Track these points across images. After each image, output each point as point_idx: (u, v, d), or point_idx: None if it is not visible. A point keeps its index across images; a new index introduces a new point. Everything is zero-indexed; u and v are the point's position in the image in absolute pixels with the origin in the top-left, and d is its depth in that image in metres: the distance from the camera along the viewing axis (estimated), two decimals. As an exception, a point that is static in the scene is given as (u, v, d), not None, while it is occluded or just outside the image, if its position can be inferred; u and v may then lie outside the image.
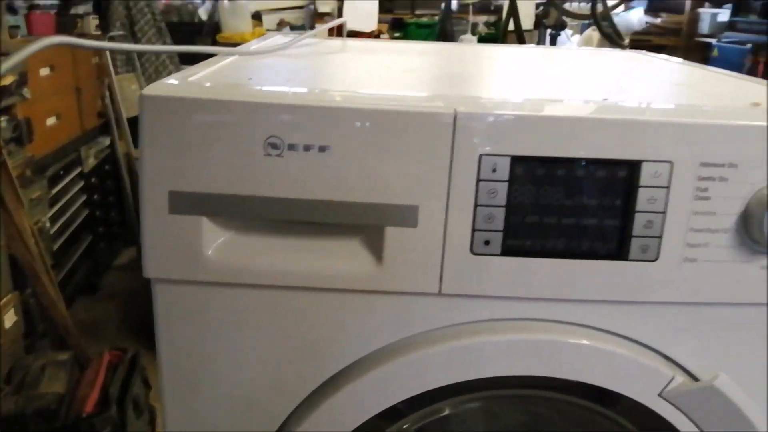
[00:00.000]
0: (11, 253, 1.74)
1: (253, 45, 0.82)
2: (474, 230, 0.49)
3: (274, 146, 0.46)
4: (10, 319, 1.71)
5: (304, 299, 0.51)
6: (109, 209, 2.48)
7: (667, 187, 0.49)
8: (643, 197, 0.49)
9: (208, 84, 0.50)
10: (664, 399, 0.53)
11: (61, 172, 2.10)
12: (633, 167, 0.49)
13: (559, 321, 0.53)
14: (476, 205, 0.49)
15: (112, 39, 2.26)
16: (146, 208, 0.47)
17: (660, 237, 0.50)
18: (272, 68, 0.65)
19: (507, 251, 0.50)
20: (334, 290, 0.51)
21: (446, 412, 0.65)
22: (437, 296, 0.51)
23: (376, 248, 0.50)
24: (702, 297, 0.52)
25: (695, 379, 0.55)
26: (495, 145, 0.48)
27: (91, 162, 2.35)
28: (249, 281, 0.50)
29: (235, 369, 0.53)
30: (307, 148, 0.46)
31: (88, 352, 1.85)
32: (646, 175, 0.49)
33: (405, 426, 0.64)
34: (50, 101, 2.03)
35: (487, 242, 0.50)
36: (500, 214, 0.49)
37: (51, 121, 2.06)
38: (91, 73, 2.26)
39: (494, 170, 0.48)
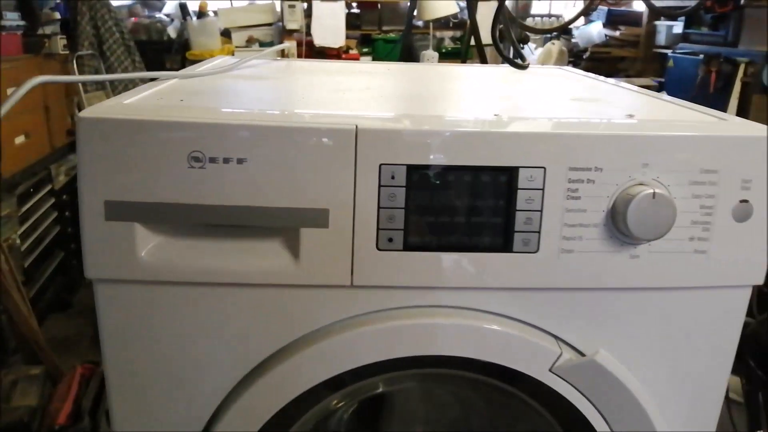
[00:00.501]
0: (-19, 270, 1.76)
1: (199, 67, 0.89)
2: (378, 229, 0.57)
3: (196, 159, 0.53)
4: (-20, 334, 1.73)
5: (231, 295, 0.58)
6: (81, 225, 2.50)
7: (542, 189, 0.57)
8: (521, 198, 0.57)
9: (140, 106, 0.57)
10: (555, 374, 0.61)
11: (31, 190, 2.14)
12: (511, 173, 0.57)
13: (458, 307, 0.60)
14: (379, 208, 0.56)
15: (80, 58, 2.31)
16: (85, 216, 0.54)
17: (539, 232, 0.58)
18: (208, 90, 0.72)
19: (408, 247, 0.57)
20: (258, 285, 0.57)
21: (380, 389, 0.72)
22: (350, 288, 0.58)
23: (293, 247, 0.57)
24: (580, 283, 0.60)
25: (582, 355, 0.62)
26: (393, 156, 0.55)
27: (62, 179, 2.38)
28: (180, 279, 0.56)
29: (171, 358, 0.59)
30: (226, 160, 0.53)
31: (60, 367, 1.88)
32: (523, 179, 0.57)
33: (341, 404, 0.71)
34: (18, 120, 2.08)
35: (390, 239, 0.57)
36: (400, 215, 0.57)
37: (20, 139, 2.10)
38: (59, 91, 2.31)
39: (393, 177, 0.56)
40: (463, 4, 2.81)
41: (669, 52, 3.52)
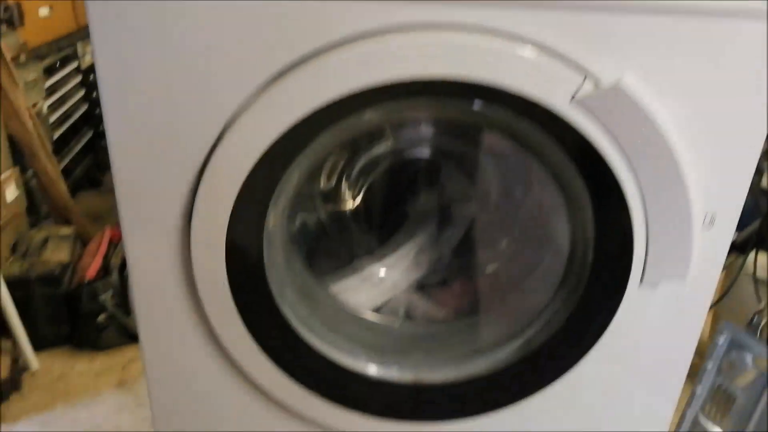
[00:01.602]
0: (9, 133, 1.79)
1: None
2: None
3: None
4: (12, 193, 1.77)
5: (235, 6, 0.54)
6: (109, 108, 2.51)
7: None
8: None
9: None
10: (576, 104, 0.56)
11: (58, 64, 2.13)
12: None
13: (476, 25, 0.55)
14: None
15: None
16: None
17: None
18: None
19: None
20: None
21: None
22: (362, -3, 0.53)
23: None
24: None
25: (607, 91, 0.57)
26: None
27: (89, 59, 2.37)
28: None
29: (174, 70, 0.56)
30: None
31: (89, 231, 1.93)
32: None
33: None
34: (41, -9, 2.05)
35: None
36: None
37: (44, 11, 2.08)
38: (83, -34, 2.25)
39: None
40: None
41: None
